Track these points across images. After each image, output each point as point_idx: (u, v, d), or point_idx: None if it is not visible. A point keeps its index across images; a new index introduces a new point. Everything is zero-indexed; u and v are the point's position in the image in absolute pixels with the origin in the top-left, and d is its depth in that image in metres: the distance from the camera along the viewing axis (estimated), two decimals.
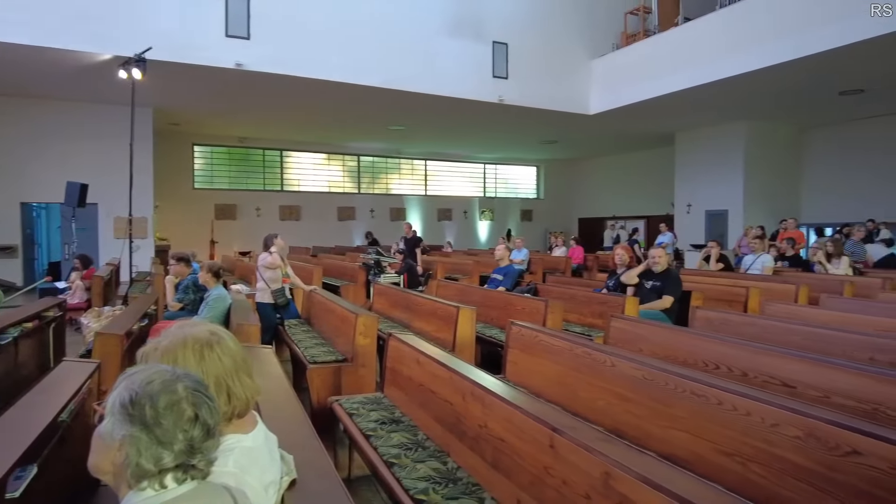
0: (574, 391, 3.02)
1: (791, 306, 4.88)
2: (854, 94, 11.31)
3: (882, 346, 3.28)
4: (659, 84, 11.64)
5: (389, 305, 6.05)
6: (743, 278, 6.89)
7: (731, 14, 10.62)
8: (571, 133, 15.85)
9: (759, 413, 2.09)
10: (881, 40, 8.25)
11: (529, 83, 12.52)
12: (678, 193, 15.59)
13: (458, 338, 4.42)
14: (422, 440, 2.74)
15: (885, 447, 1.71)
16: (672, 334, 3.60)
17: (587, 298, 5.43)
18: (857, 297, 5.73)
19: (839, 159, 14.11)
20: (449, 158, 20.48)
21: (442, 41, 11.64)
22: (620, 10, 13.78)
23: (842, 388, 2.64)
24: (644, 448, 2.50)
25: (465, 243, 19.53)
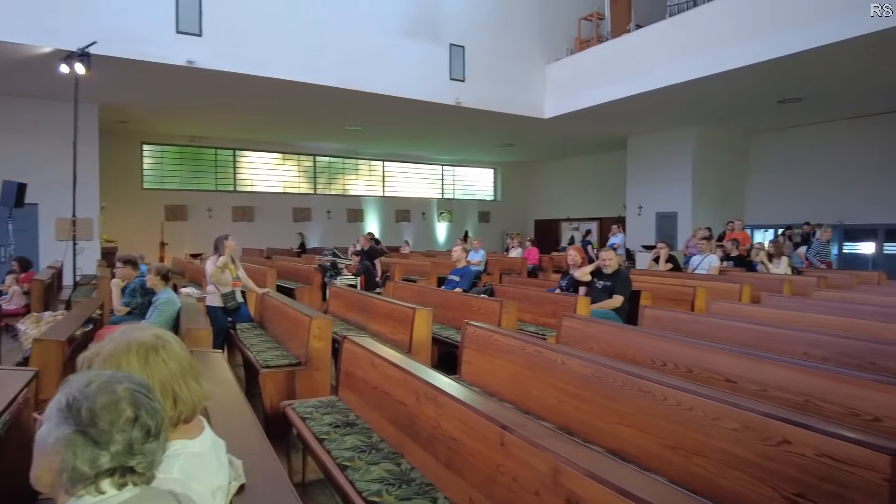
0: (527, 389, 3.07)
1: (734, 305, 5.09)
2: (793, 102, 11.88)
3: (814, 341, 3.47)
4: (611, 89, 11.94)
5: (345, 308, 6.00)
6: (690, 278, 7.15)
7: (680, 23, 11.00)
8: (527, 136, 16.08)
9: (700, 408, 2.18)
10: (815, 52, 8.70)
11: (486, 86, 12.64)
12: (630, 196, 16.02)
13: (415, 339, 4.43)
14: (376, 442, 2.73)
15: (810, 435, 1.82)
16: (621, 333, 3.70)
17: (541, 298, 5.52)
18: (795, 295, 6.02)
19: (781, 164, 14.79)
20: (407, 160, 20.46)
21: (399, 42, 11.63)
22: (574, 15, 14.08)
23: (777, 381, 2.77)
24: (593, 443, 2.58)
25: (424, 244, 19.55)
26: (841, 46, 8.41)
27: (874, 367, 3.15)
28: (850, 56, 8.88)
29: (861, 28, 8.00)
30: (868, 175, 13.03)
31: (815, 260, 9.75)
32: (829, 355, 3.38)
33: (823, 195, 13.66)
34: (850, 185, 13.30)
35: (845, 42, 8.24)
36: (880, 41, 8.18)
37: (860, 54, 8.80)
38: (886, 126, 12.80)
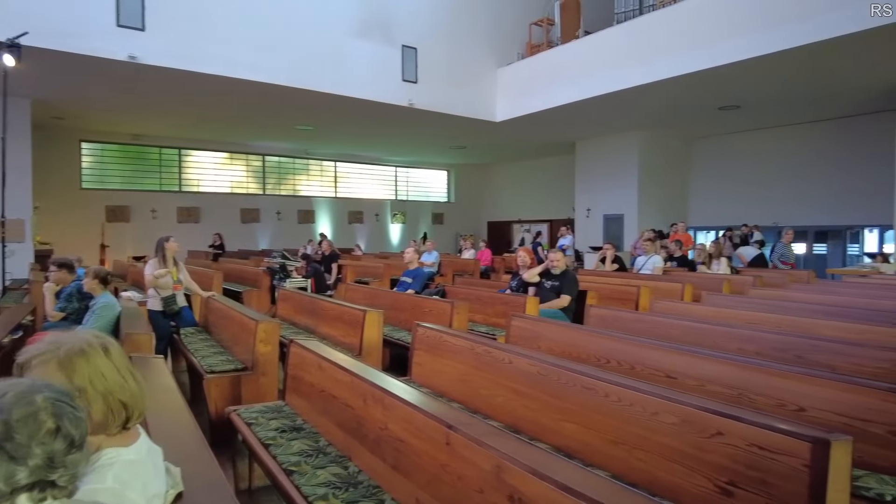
0: (475, 389, 3.10)
1: (676, 303, 5.29)
2: (731, 109, 12.43)
3: (749, 338, 3.64)
4: (560, 94, 12.19)
5: (294, 311, 5.90)
6: (635, 278, 7.37)
7: (626, 31, 11.34)
8: (480, 139, 16.22)
9: (641, 403, 2.25)
10: (751, 63, 9.14)
11: (438, 88, 12.68)
12: (578, 198, 16.39)
13: (365, 342, 4.40)
14: (323, 446, 2.70)
15: (741, 427, 1.91)
16: (568, 331, 3.78)
17: (492, 299, 5.58)
18: (733, 293, 6.30)
19: (721, 168, 15.44)
20: (360, 160, 20.30)
21: (351, 42, 11.54)
22: (525, 20, 14.31)
23: (714, 376, 2.90)
24: (539, 440, 2.63)
25: (377, 246, 19.44)
26: (775, 57, 8.86)
27: (801, 360, 3.33)
28: (783, 67, 9.36)
29: (793, 41, 8.45)
30: (800, 179, 13.77)
31: (779, 262, 9.88)
32: (762, 350, 3.55)
33: (760, 198, 14.35)
34: (784, 188, 14.02)
35: (780, 53, 8.69)
36: (811, 53, 8.66)
37: (793, 65, 9.29)
38: (817, 133, 13.57)
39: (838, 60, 9.07)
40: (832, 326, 3.99)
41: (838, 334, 3.81)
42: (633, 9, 12.58)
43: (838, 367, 3.16)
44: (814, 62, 9.11)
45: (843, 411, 2.45)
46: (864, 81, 10.35)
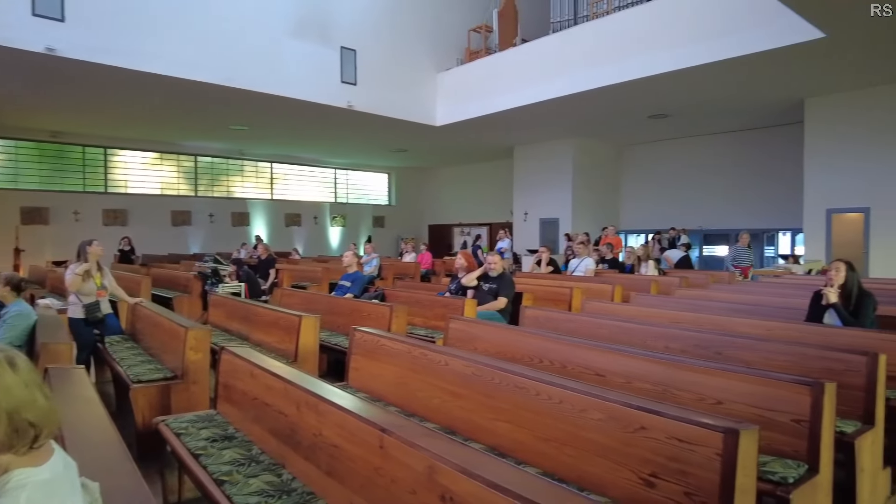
0: (412, 392, 3.11)
1: (606, 304, 5.49)
2: (660, 118, 13.03)
3: (673, 336, 3.83)
4: (498, 100, 12.41)
5: (227, 317, 5.72)
6: (569, 280, 7.60)
7: (561, 40, 11.69)
8: (421, 142, 16.28)
9: (569, 401, 2.33)
10: (676, 74, 9.64)
11: (378, 91, 12.64)
12: (516, 202, 16.73)
13: (301, 347, 4.33)
14: (256, 455, 2.64)
15: (662, 421, 2.01)
16: (503, 332, 3.86)
17: (431, 302, 5.61)
18: (660, 294, 6.60)
19: (650, 174, 16.16)
20: (298, 161, 19.91)
21: (288, 42, 11.33)
22: (464, 26, 14.49)
23: (640, 373, 3.03)
24: (473, 440, 2.67)
25: (316, 250, 19.11)
26: (699, 70, 9.38)
27: (720, 356, 3.54)
28: (707, 79, 9.92)
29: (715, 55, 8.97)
30: (724, 185, 14.60)
31: (731, 265, 10.20)
32: (685, 348, 3.75)
33: (686, 203, 15.11)
34: (710, 193, 14.83)
35: (703, 66, 9.20)
36: (731, 67, 9.23)
37: (715, 78, 9.86)
38: (737, 142, 14.43)
39: (755, 75, 9.70)
40: (748, 324, 4.26)
41: (753, 331, 4.07)
42: (568, 18, 12.99)
43: (752, 362, 3.38)
44: (734, 75, 9.71)
45: (754, 402, 2.63)
46: (777, 95, 11.11)
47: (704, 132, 14.73)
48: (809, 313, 4.47)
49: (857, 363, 3.03)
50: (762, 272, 10.67)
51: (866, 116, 10.51)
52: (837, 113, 10.86)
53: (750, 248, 10.03)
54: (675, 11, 9.63)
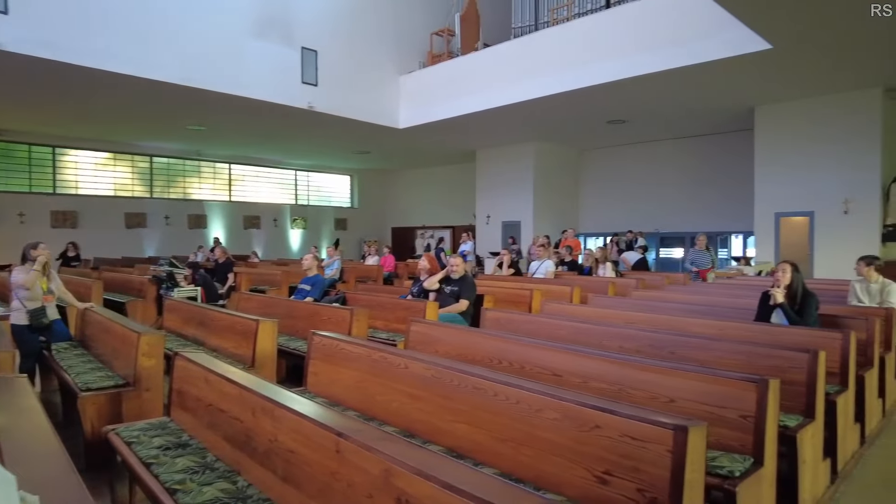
0: (371, 396, 3.10)
1: (565, 305, 5.58)
2: (618, 123, 13.33)
3: (629, 336, 3.92)
4: (461, 104, 12.48)
5: (182, 322, 5.58)
6: (529, 282, 7.70)
7: (522, 45, 11.84)
8: (383, 145, 16.22)
9: (526, 401, 2.36)
10: (634, 81, 9.88)
11: (340, 92, 12.55)
12: (479, 205, 16.84)
13: (258, 352, 4.25)
14: (211, 462, 2.59)
15: (616, 419, 2.06)
16: (463, 334, 3.88)
17: (393, 305, 5.60)
18: (617, 295, 6.75)
19: (609, 178, 16.50)
20: (257, 163, 19.56)
21: (247, 41, 11.13)
22: (427, 29, 14.52)
23: (596, 373, 3.09)
24: (433, 443, 2.68)
25: (275, 253, 18.81)
26: (656, 77, 9.64)
27: (674, 356, 3.64)
28: (663, 86, 10.19)
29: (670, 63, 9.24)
30: (680, 189, 15.03)
31: (690, 266, 10.29)
32: (640, 348, 3.84)
33: (644, 206, 15.50)
34: (666, 197, 15.24)
35: (659, 73, 9.46)
36: (685, 75, 9.51)
37: (670, 85, 10.15)
38: (692, 148, 14.87)
39: (707, 83, 10.03)
40: (700, 324, 4.40)
41: (705, 331, 4.21)
42: (529, 24, 13.18)
43: (704, 361, 3.49)
44: (687, 83, 10.01)
45: (705, 400, 2.71)
46: (728, 103, 11.51)
47: (661, 137, 15.14)
48: (758, 313, 4.65)
49: (799, 360, 3.16)
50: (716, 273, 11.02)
51: (811, 125, 10.99)
52: (785, 121, 11.33)
53: (709, 250, 9.87)
54: (632, 20, 9.88)
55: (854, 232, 10.50)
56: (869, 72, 9.54)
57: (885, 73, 9.69)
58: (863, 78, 9.86)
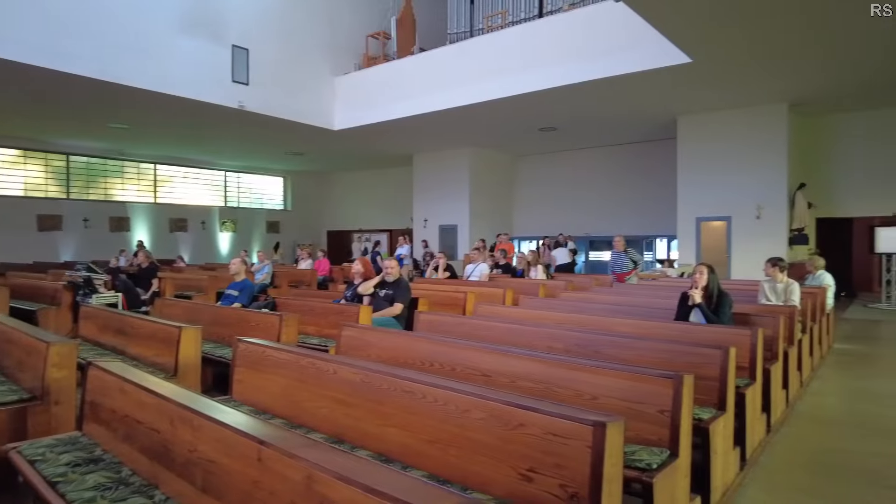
0: (299, 402, 3.04)
1: (498, 307, 5.68)
2: (550, 130, 13.70)
3: (556, 336, 4.04)
4: (396, 107, 12.48)
5: (99, 330, 5.27)
6: (464, 284, 7.78)
7: (458, 51, 11.97)
8: (318, 146, 15.96)
9: (454, 402, 2.39)
10: (564, 90, 10.19)
11: (273, 92, 12.26)
12: (416, 209, 16.87)
13: (181, 361, 4.08)
14: (126, 477, 2.46)
15: (539, 417, 2.12)
16: (396, 338, 3.87)
17: (325, 310, 5.51)
18: (547, 297, 6.92)
19: (542, 183, 16.93)
20: (185, 163, 18.79)
21: (174, 37, 10.69)
22: (363, 31, 14.42)
23: (524, 373, 3.16)
24: (362, 448, 2.66)
25: (203, 257, 18.11)
26: (584, 86, 9.99)
27: (599, 354, 3.78)
28: (591, 95, 10.58)
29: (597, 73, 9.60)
30: (609, 194, 15.62)
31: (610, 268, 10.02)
32: (568, 347, 3.96)
33: (575, 211, 16.00)
34: (596, 202, 15.80)
35: (587, 83, 9.81)
36: (612, 85, 9.90)
37: (598, 95, 10.54)
38: (620, 155, 15.51)
39: (633, 93, 10.49)
40: (624, 324, 4.58)
41: (629, 330, 4.39)
42: (465, 31, 13.34)
43: (627, 359, 3.63)
44: (615, 93, 10.43)
45: (626, 397, 2.82)
46: (653, 113, 12.08)
47: (591, 145, 15.69)
48: (678, 313, 4.89)
49: (713, 357, 3.35)
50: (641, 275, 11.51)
51: (728, 136, 11.71)
52: (705, 131, 12.01)
53: (627, 252, 9.25)
54: (564, 31, 10.21)
55: (765, 235, 11.26)
56: (776, 89, 10.28)
57: (789, 91, 10.47)
58: (771, 94, 10.62)
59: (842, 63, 8.96)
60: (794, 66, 9.09)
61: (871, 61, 8.91)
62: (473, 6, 13.49)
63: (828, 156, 12.75)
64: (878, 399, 5.09)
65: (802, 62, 8.88)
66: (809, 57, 8.63)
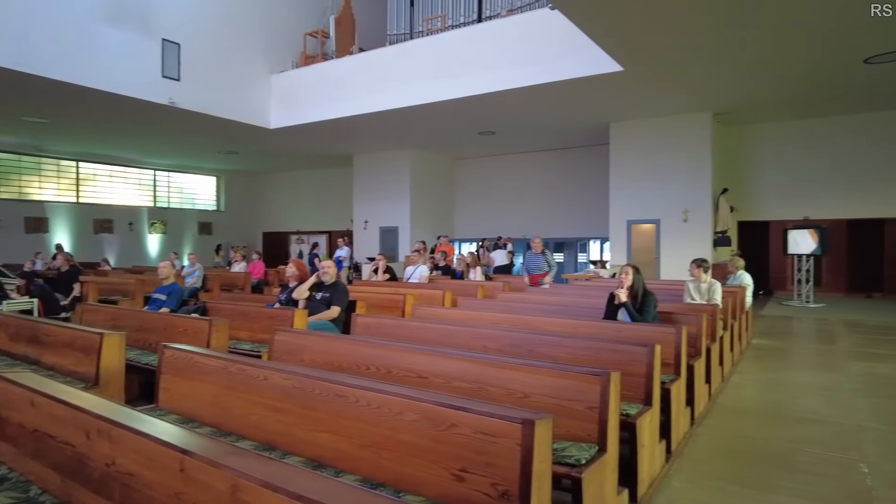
0: (229, 410, 2.95)
1: (436, 308, 5.70)
2: (489, 134, 13.88)
3: (491, 336, 4.09)
4: (335, 107, 12.32)
5: (10, 339, 4.92)
6: (403, 286, 7.77)
7: (397, 53, 11.94)
8: (254, 145, 15.52)
9: (386, 405, 2.38)
10: (502, 94, 10.37)
11: (205, 89, 11.84)
12: (356, 210, 16.70)
13: (103, 370, 3.87)
14: (35, 497, 2.30)
15: (470, 417, 2.14)
16: (331, 342, 3.82)
17: (258, 314, 5.36)
18: (485, 298, 7.01)
19: (482, 186, 17.14)
20: (111, 161, 17.84)
21: (98, 27, 10.13)
22: (300, 29, 14.14)
23: (458, 373, 3.19)
24: (294, 454, 2.61)
25: (131, 260, 17.25)
26: (521, 92, 10.18)
27: (531, 353, 3.86)
28: (528, 101, 10.80)
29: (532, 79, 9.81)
30: (546, 198, 16.00)
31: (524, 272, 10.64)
32: (502, 347, 4.02)
33: (514, 214, 16.30)
34: (534, 205, 16.14)
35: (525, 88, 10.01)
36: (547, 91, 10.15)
37: (535, 100, 10.77)
38: (557, 160, 15.91)
39: (567, 100, 10.79)
40: (556, 323, 4.70)
41: (561, 329, 4.51)
42: (405, 32, 13.34)
43: (558, 357, 3.73)
44: (551, 99, 10.70)
45: (556, 394, 2.90)
46: (587, 119, 12.47)
47: (528, 149, 16.02)
48: (606, 312, 5.07)
49: (639, 354, 3.49)
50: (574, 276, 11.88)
51: (657, 142, 12.24)
52: (635, 137, 12.50)
53: (544, 254, 8.70)
54: (501, 37, 10.38)
55: (692, 238, 11.84)
56: (700, 98, 10.84)
57: (713, 101, 11.07)
58: (696, 103, 11.18)
59: (761, 77, 9.56)
60: (718, 79, 9.61)
61: (789, 77, 9.56)
62: (413, 8, 13.51)
63: (749, 163, 13.56)
64: (790, 389, 5.45)
65: (725, 75, 9.41)
66: (731, 70, 9.16)
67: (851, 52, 8.36)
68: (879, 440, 4.07)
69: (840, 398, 5.11)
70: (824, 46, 8.13)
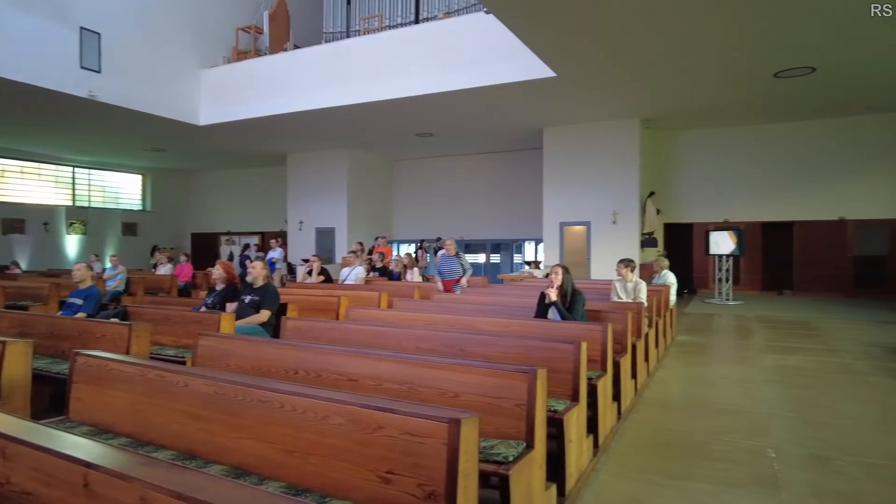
0: (147, 418, 2.81)
1: (370, 310, 5.65)
2: (427, 136, 13.91)
3: (425, 337, 4.09)
4: (268, 104, 12.01)
5: None
6: (339, 288, 7.66)
7: (333, 51, 11.76)
8: (182, 142, 14.88)
9: (312, 409, 2.33)
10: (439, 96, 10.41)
11: (129, 82, 11.25)
12: (291, 211, 16.32)
13: (5, 380, 3.59)
14: None
15: (396, 418, 2.13)
16: (258, 346, 3.71)
17: (183, 318, 5.14)
18: (422, 298, 7.01)
19: (421, 188, 17.16)
20: (23, 157, 16.61)
21: (8, 12, 9.42)
22: (232, 23, 13.69)
23: (389, 374, 3.17)
24: (216, 462, 2.51)
25: (46, 262, 16.13)
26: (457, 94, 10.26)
27: (464, 353, 3.89)
28: (464, 103, 10.89)
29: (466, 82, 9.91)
30: (483, 200, 16.20)
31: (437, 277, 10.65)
32: (435, 347, 4.03)
33: (452, 215, 16.41)
34: (471, 207, 16.30)
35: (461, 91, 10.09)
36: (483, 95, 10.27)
37: (472, 103, 10.88)
38: (493, 162, 16.15)
39: (502, 104, 10.97)
40: (490, 322, 4.76)
41: (493, 328, 4.57)
42: (341, 31, 13.17)
43: (490, 356, 3.77)
44: (486, 103, 10.84)
45: (486, 392, 2.93)
46: (522, 123, 12.72)
47: (466, 152, 16.17)
48: (537, 311, 5.18)
49: (566, 351, 3.59)
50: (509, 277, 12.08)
51: (588, 147, 12.64)
52: (567, 142, 12.86)
53: (458, 257, 8.23)
54: (437, 39, 10.42)
55: (620, 239, 12.29)
56: (628, 105, 11.28)
57: (640, 108, 11.54)
58: (625, 110, 11.63)
59: (682, 87, 10.05)
60: (644, 87, 10.03)
61: (707, 87, 10.09)
62: (350, 7, 13.36)
63: (674, 167, 14.23)
64: (710, 383, 5.75)
65: (650, 84, 9.83)
66: (656, 79, 9.58)
67: (763, 66, 8.93)
68: (786, 427, 4.36)
69: (754, 389, 5.43)
70: (737, 59, 8.64)
